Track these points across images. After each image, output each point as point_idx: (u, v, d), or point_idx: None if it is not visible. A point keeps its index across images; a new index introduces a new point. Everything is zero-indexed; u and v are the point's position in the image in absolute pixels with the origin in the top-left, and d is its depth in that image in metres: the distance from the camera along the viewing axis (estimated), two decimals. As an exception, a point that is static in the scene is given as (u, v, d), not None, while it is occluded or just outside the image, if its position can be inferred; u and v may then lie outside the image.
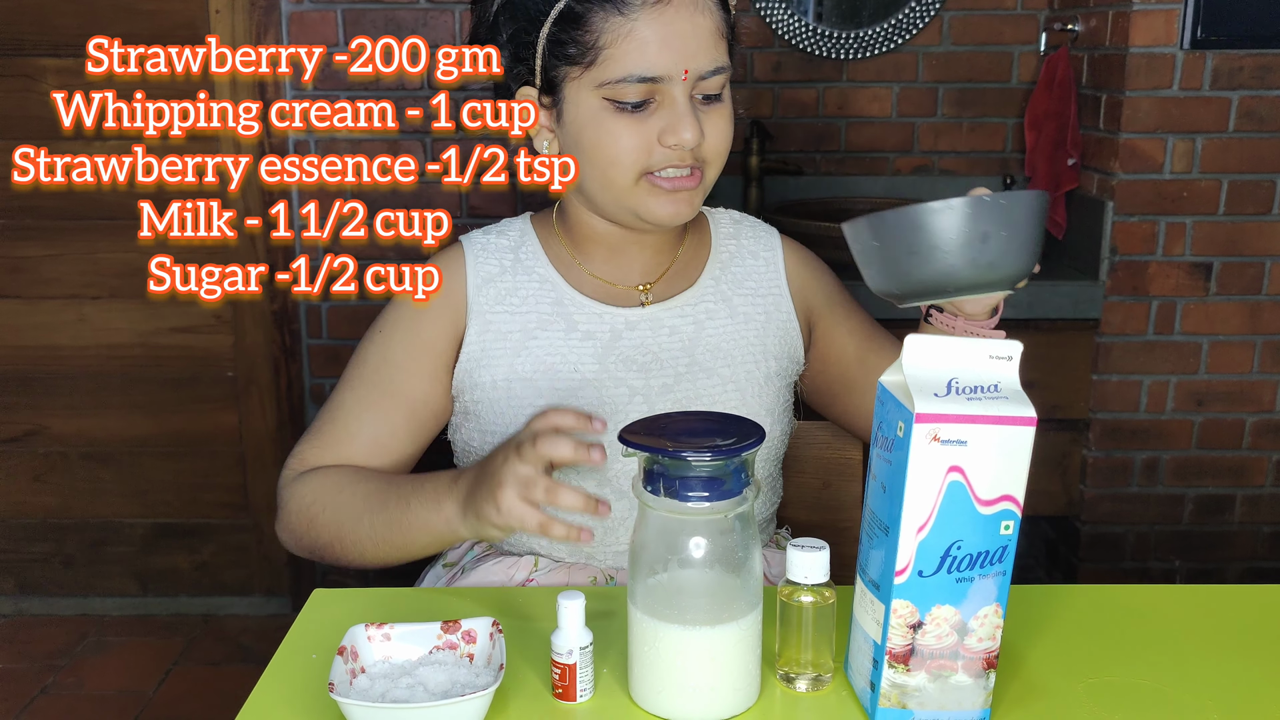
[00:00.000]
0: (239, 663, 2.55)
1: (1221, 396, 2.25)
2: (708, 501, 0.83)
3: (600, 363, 1.18)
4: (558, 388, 1.17)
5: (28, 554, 2.78)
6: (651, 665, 0.87)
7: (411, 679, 0.90)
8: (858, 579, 0.89)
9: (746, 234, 1.31)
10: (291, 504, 1.16)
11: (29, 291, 2.64)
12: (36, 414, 2.71)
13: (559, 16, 1.08)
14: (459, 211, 2.57)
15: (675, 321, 1.22)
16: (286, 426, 2.68)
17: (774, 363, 1.25)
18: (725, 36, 1.12)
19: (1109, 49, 2.18)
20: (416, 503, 1.06)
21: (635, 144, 1.09)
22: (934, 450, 0.79)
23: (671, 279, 1.24)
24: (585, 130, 1.11)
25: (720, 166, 1.16)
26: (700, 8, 1.08)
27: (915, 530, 0.81)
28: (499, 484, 0.94)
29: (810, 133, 2.58)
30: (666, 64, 1.07)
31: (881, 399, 0.85)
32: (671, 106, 1.08)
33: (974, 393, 0.81)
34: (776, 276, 1.28)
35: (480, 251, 1.23)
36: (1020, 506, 0.82)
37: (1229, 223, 2.17)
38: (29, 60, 2.52)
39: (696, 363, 1.21)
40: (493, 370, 1.18)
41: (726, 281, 1.26)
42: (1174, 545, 2.32)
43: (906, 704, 0.85)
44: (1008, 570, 0.83)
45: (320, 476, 1.16)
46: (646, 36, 1.06)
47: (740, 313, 1.25)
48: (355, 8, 2.47)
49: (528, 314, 1.20)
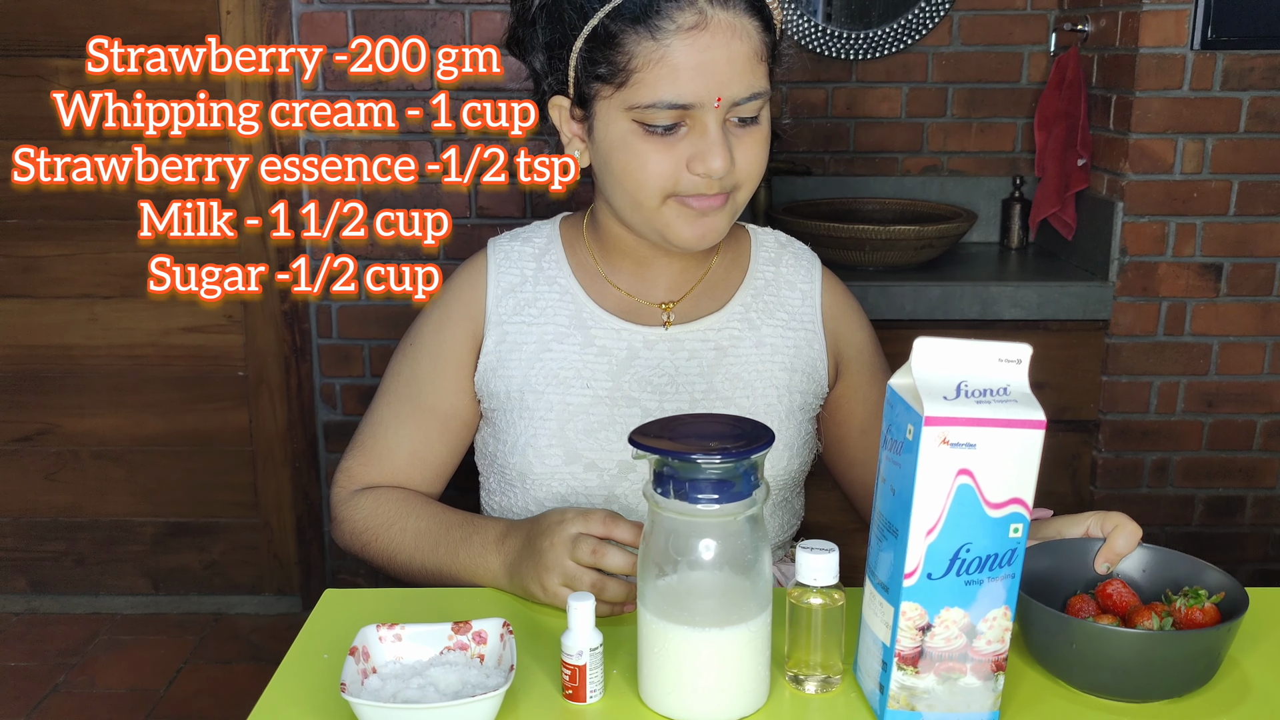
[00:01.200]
0: (249, 661, 2.56)
1: (1232, 398, 2.24)
2: (717, 504, 0.84)
3: (614, 380, 1.17)
4: (569, 402, 1.16)
5: (40, 552, 2.79)
6: (661, 666, 0.87)
7: (423, 679, 0.90)
8: (866, 581, 0.89)
9: (789, 261, 1.26)
10: (345, 525, 1.21)
11: (41, 291, 2.65)
12: (48, 413, 2.72)
13: (591, 34, 1.05)
14: (467, 212, 2.57)
15: (696, 345, 1.19)
16: (297, 426, 2.69)
17: (798, 397, 1.21)
18: (765, 60, 1.08)
19: (1119, 49, 2.17)
20: (464, 554, 1.10)
21: (663, 169, 1.06)
22: (943, 453, 0.79)
23: (698, 298, 1.22)
24: (615, 151, 1.09)
25: (752, 189, 1.12)
26: (738, 33, 1.04)
27: (924, 533, 0.81)
28: (546, 569, 1.00)
29: (819, 133, 2.58)
30: (699, 91, 1.03)
31: (891, 402, 0.85)
32: (702, 133, 1.05)
33: (983, 396, 0.81)
34: (812, 311, 1.24)
35: (504, 260, 1.22)
36: (1029, 509, 0.82)
37: (1239, 223, 2.16)
38: (40, 61, 2.53)
39: (714, 390, 1.18)
40: (507, 380, 1.19)
41: (757, 309, 1.22)
42: (1184, 547, 2.29)
43: (915, 706, 0.86)
44: (1017, 573, 0.83)
45: (372, 503, 1.19)
46: (679, 63, 1.02)
47: (768, 343, 1.21)
48: (365, 8, 2.47)
49: (545, 325, 1.19)
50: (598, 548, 0.99)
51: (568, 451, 1.16)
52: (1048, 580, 0.98)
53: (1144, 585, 0.99)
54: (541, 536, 1.02)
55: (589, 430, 1.16)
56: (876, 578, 0.87)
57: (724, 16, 1.03)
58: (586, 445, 1.16)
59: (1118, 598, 0.95)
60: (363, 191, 2.55)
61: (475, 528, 1.12)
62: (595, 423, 1.16)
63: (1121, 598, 0.95)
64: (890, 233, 2.21)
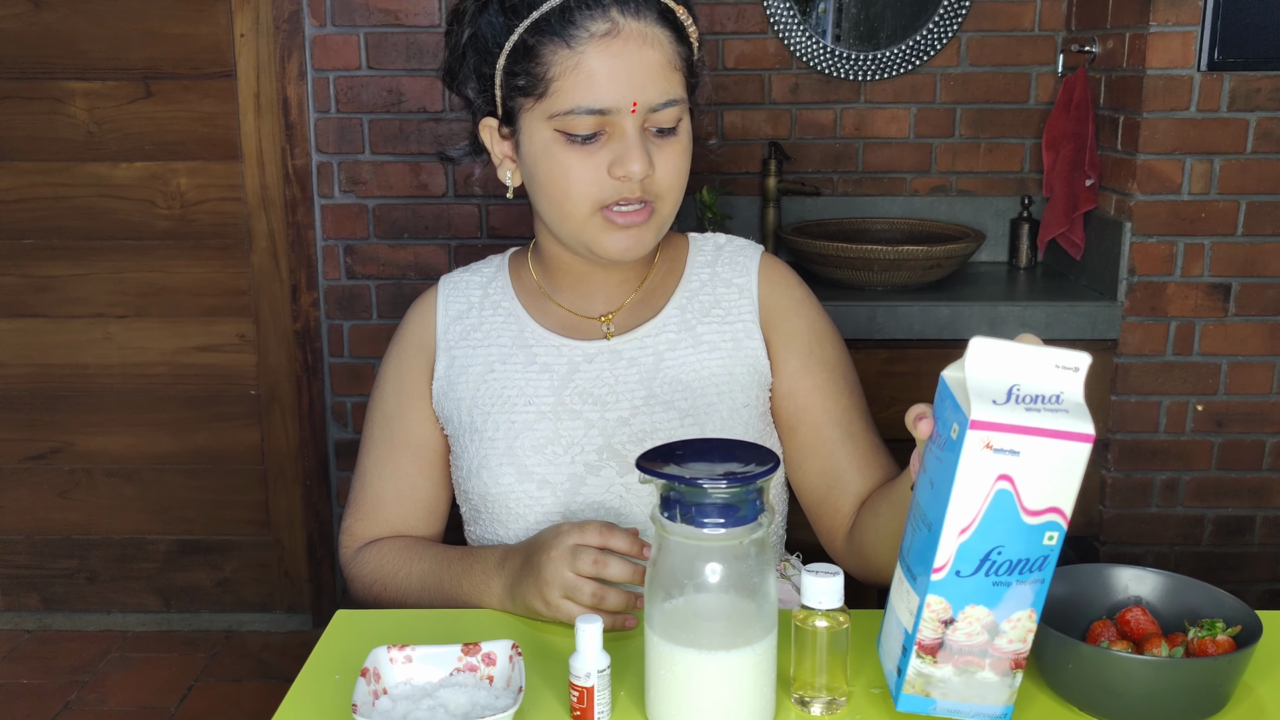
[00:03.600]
0: (260, 679, 2.57)
1: (1241, 417, 2.24)
2: (724, 528, 0.85)
3: (556, 395, 1.19)
4: (514, 420, 1.18)
5: (53, 570, 2.81)
6: (668, 689, 0.88)
7: (433, 700, 0.91)
8: (898, 564, 0.88)
9: (725, 260, 1.26)
10: (356, 583, 1.24)
11: (55, 310, 2.68)
12: (62, 431, 2.74)
13: (513, 50, 1.10)
14: (478, 232, 2.59)
15: (635, 353, 1.20)
16: (308, 444, 2.70)
17: (741, 394, 1.20)
18: (680, 70, 1.12)
19: (1126, 70, 2.18)
20: (467, 585, 1.13)
21: (586, 176, 1.10)
22: (985, 457, 0.78)
23: (635, 308, 1.23)
24: (539, 162, 1.12)
25: (675, 200, 1.14)
26: (649, 41, 1.08)
27: (958, 531, 0.80)
28: (546, 583, 1.02)
29: (828, 153, 2.60)
30: (614, 97, 1.07)
31: (941, 395, 0.83)
32: (621, 139, 1.09)
33: (1034, 402, 0.79)
34: (749, 303, 1.23)
35: (452, 290, 1.27)
36: (1067, 519, 0.80)
37: (1247, 243, 2.16)
38: (57, 83, 2.56)
39: (654, 395, 1.18)
40: (457, 403, 1.22)
41: (692, 310, 1.22)
42: (1193, 566, 2.31)
43: (930, 693, 0.85)
44: (1047, 579, 0.82)
45: (376, 557, 1.22)
46: (594, 69, 1.07)
47: (704, 341, 1.21)
48: (377, 31, 2.50)
49: (490, 348, 1.22)
50: (598, 558, 1.01)
51: (519, 470, 1.17)
52: (1071, 605, 0.98)
53: (1164, 613, 0.99)
54: (539, 552, 1.04)
55: (535, 446, 1.17)
56: (906, 564, 0.86)
57: (635, 25, 1.08)
58: (535, 461, 1.17)
59: (1136, 624, 0.96)
60: (374, 210, 2.57)
61: (475, 558, 1.14)
62: (541, 439, 1.17)
63: (1140, 624, 0.96)
64: (898, 253, 2.22)
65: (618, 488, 1.16)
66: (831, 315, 1.28)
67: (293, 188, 2.56)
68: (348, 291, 2.62)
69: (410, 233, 2.58)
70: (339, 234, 2.59)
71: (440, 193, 2.57)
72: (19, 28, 2.53)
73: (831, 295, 2.22)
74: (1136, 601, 1.00)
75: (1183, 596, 1.00)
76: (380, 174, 2.56)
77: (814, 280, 2.31)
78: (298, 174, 2.56)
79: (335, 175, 2.56)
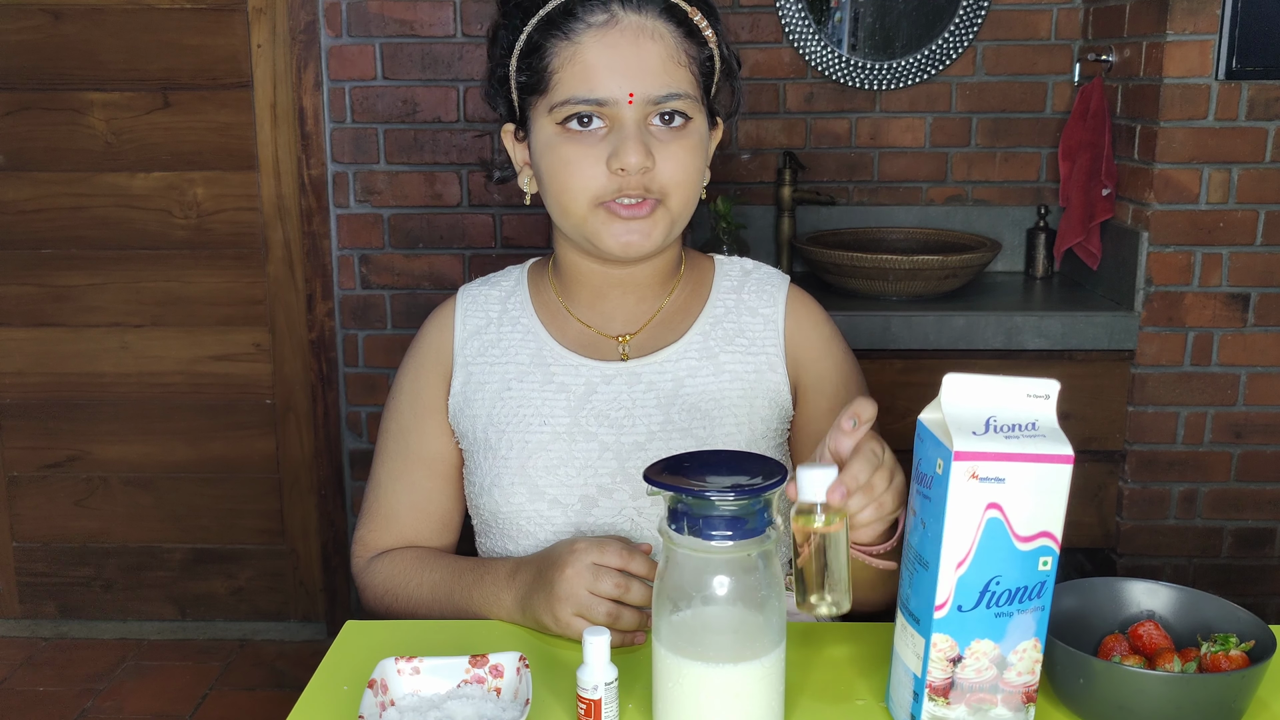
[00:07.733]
0: (274, 687, 2.57)
1: (1260, 428, 2.22)
2: (731, 540, 0.84)
3: (572, 416, 1.17)
4: (529, 440, 1.17)
5: (69, 578, 2.83)
6: (675, 701, 0.87)
7: (440, 712, 0.91)
8: (898, 613, 0.90)
9: (751, 288, 1.23)
10: (368, 593, 1.24)
11: (73, 319, 2.69)
12: (78, 440, 2.75)
13: (522, 49, 1.11)
14: (493, 242, 2.59)
15: (654, 377, 1.18)
16: (323, 453, 2.71)
17: (761, 425, 1.19)
18: (686, 65, 1.10)
19: (1143, 79, 2.17)
20: (478, 596, 1.12)
21: (585, 169, 1.09)
22: (972, 488, 0.81)
23: (655, 330, 1.21)
24: (543, 157, 1.13)
25: (683, 199, 1.12)
26: (649, 33, 1.08)
27: (954, 566, 0.82)
28: (559, 600, 1.02)
29: (843, 163, 2.59)
30: (610, 88, 1.07)
31: (920, 436, 0.86)
32: (619, 131, 1.08)
33: (1012, 431, 0.82)
34: (774, 335, 1.21)
35: (470, 304, 1.25)
36: (1058, 543, 0.83)
37: (1266, 253, 2.15)
38: (76, 94, 2.58)
39: (671, 421, 1.16)
40: (473, 420, 1.21)
41: (716, 337, 1.20)
42: (1212, 579, 2.29)
43: None
44: (1046, 605, 0.84)
45: (388, 567, 1.22)
46: (590, 60, 1.07)
47: (726, 370, 1.19)
48: (393, 42, 2.51)
49: (507, 365, 1.21)
50: (620, 581, 1.00)
51: (530, 489, 1.16)
52: (1083, 619, 0.98)
53: (1177, 627, 0.98)
54: (553, 568, 1.03)
55: (549, 467, 1.16)
56: (908, 609, 0.88)
57: (635, 18, 1.08)
58: (548, 482, 1.16)
59: (1149, 639, 0.95)
60: (389, 220, 2.58)
61: (486, 569, 1.13)
62: (554, 459, 1.16)
63: (1152, 639, 0.95)
64: (914, 262, 2.21)
65: (629, 510, 1.15)
66: (846, 325, 1.27)
67: (308, 197, 2.57)
68: (363, 301, 2.63)
69: (425, 242, 2.59)
70: (354, 244, 2.60)
71: (455, 202, 2.58)
72: (39, 39, 2.55)
73: (846, 305, 2.21)
74: (1149, 616, 0.99)
75: (1196, 611, 0.99)
76: (395, 184, 2.57)
77: (829, 290, 2.30)
78: (313, 184, 2.57)
79: (351, 185, 2.57)
